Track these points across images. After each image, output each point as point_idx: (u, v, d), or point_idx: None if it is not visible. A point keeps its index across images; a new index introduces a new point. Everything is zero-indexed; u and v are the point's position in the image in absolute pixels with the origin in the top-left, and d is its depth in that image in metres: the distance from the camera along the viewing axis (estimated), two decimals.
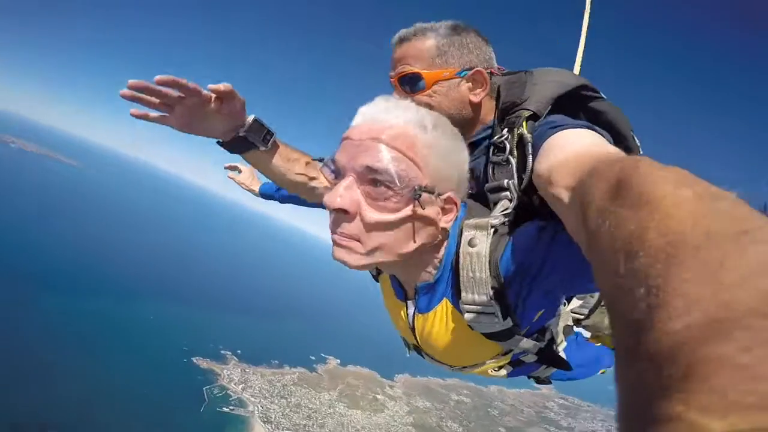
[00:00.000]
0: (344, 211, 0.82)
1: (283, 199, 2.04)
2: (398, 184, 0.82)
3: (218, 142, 1.27)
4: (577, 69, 1.71)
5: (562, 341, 1.29)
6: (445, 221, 0.93)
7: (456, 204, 0.93)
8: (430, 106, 1.09)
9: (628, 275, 0.33)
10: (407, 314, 1.16)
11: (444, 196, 0.90)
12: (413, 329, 1.16)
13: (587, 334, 1.69)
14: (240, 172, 2.16)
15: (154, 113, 1.10)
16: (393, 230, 0.85)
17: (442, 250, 0.99)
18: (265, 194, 2.15)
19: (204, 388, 47.56)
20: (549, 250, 0.86)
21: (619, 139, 1.11)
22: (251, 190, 2.18)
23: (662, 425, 0.21)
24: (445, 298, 1.04)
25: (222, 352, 58.31)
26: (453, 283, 0.99)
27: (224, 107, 1.14)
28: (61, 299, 57.01)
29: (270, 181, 1.74)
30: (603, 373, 1.76)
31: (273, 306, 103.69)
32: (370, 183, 0.83)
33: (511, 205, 0.98)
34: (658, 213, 0.35)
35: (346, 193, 0.82)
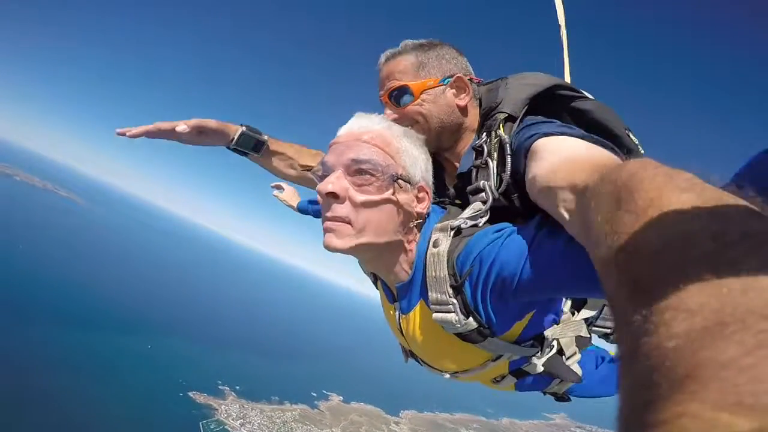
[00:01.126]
0: (335, 196, 0.94)
1: (317, 214, 2.09)
2: (379, 171, 0.95)
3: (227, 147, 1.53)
4: (567, 73, 1.78)
5: (574, 353, 1.27)
6: (421, 207, 1.04)
7: (428, 192, 1.06)
8: (422, 115, 1.19)
9: (631, 281, 0.33)
10: (395, 316, 1.21)
11: (417, 185, 1.03)
12: (401, 331, 1.21)
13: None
14: (283, 190, 2.41)
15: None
16: (377, 208, 0.96)
17: (415, 251, 1.06)
18: (301, 209, 2.29)
19: (200, 423, 45.33)
20: (499, 251, 0.89)
21: (610, 138, 1.10)
22: (291, 206, 2.37)
23: (661, 426, 0.21)
24: (421, 299, 1.08)
25: (220, 387, 56.07)
26: (423, 283, 1.04)
27: (203, 136, 1.42)
28: (58, 329, 55.78)
29: (306, 200, 2.19)
30: None
31: (273, 343, 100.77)
32: (356, 173, 0.96)
33: (484, 207, 1.02)
34: (661, 220, 0.35)
35: (336, 181, 0.95)
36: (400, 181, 0.98)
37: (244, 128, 1.50)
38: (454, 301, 0.96)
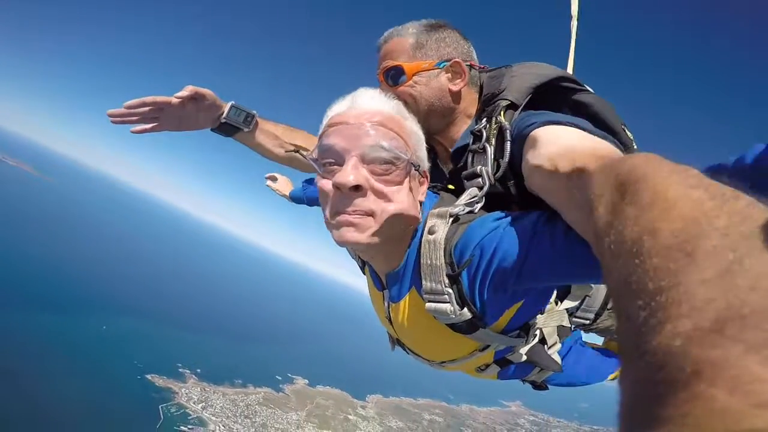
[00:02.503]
0: (356, 188, 0.87)
1: (311, 202, 2.07)
2: (401, 159, 0.90)
3: (212, 130, 1.49)
4: (570, 66, 1.76)
5: (555, 342, 1.27)
6: (422, 193, 1.01)
7: (427, 178, 1.03)
8: (412, 96, 1.18)
9: (637, 274, 0.33)
10: (384, 304, 1.17)
11: (422, 170, 0.99)
12: (390, 320, 1.17)
13: (600, 339, 1.69)
14: (276, 180, 2.43)
15: (148, 125, 1.35)
16: (399, 199, 0.91)
17: (411, 238, 1.02)
18: (295, 198, 2.26)
19: (160, 406, 43.47)
20: (501, 240, 0.87)
21: (609, 133, 1.07)
22: (285, 196, 2.36)
23: (667, 423, 0.21)
24: (412, 288, 1.04)
25: (180, 370, 54.10)
26: (417, 271, 1.00)
27: (199, 105, 1.38)
28: (5, 306, 51.82)
29: (300, 188, 2.16)
30: (612, 379, 1.71)
31: (236, 325, 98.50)
32: (375, 161, 0.89)
33: (481, 193, 1.00)
34: (670, 213, 0.35)
35: (356, 172, 0.86)
36: (413, 168, 0.95)
37: (233, 102, 1.49)
38: (450, 290, 0.93)
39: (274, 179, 2.45)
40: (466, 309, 0.93)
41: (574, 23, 1.76)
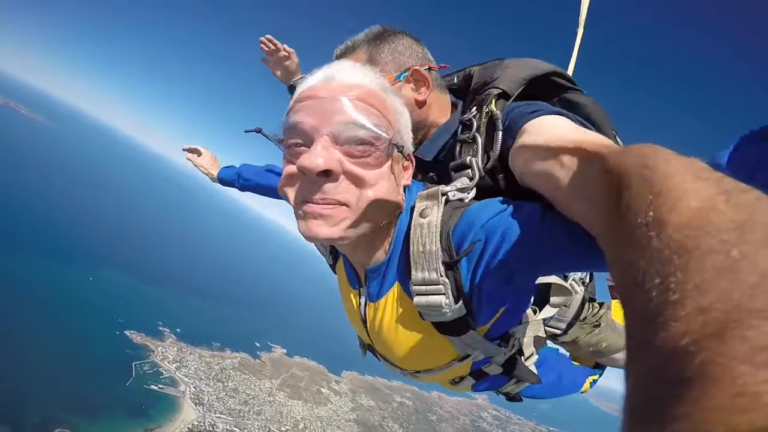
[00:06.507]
0: (326, 173, 0.73)
1: (243, 187, 1.92)
2: (381, 138, 0.77)
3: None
4: (570, 72, 1.76)
5: (532, 354, 1.19)
6: (406, 178, 0.89)
7: (412, 161, 0.92)
8: None
9: (644, 268, 0.32)
10: (359, 304, 1.04)
11: (406, 153, 0.87)
12: (365, 322, 1.04)
13: (565, 352, 1.62)
14: (200, 155, 2.12)
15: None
16: (378, 185, 0.78)
17: (395, 227, 0.91)
18: (223, 180, 2.03)
19: (133, 363, 44.45)
20: (510, 224, 0.77)
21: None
22: (209, 174, 2.10)
23: (673, 422, 0.21)
24: (396, 283, 0.93)
25: (160, 328, 55.04)
26: (404, 261, 0.89)
27: (290, 62, 1.77)
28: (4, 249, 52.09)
29: (231, 166, 2.00)
30: (583, 392, 1.67)
31: (224, 289, 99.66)
32: (350, 141, 0.75)
33: (471, 183, 0.93)
34: (677, 206, 0.34)
35: (327, 154, 0.72)
36: (395, 149, 0.82)
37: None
38: (446, 280, 0.81)
39: (196, 152, 2.13)
40: (461, 302, 0.83)
41: (580, 31, 1.78)
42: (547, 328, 1.32)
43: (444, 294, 0.82)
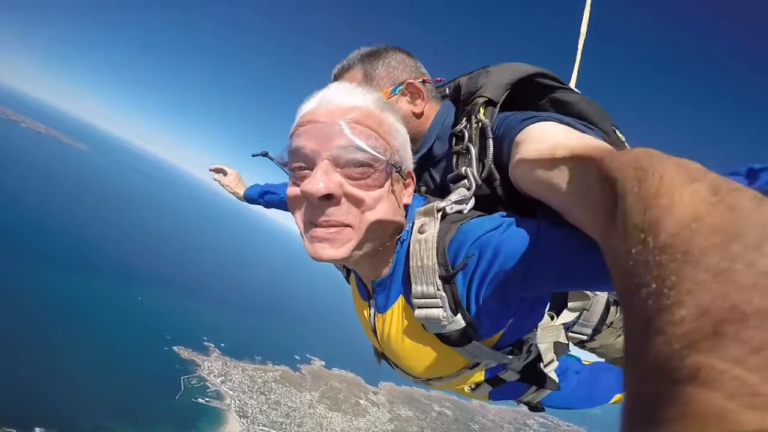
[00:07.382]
0: (328, 197, 0.76)
1: (268, 204, 2.01)
2: (379, 159, 0.79)
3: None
4: (574, 77, 1.78)
5: (552, 360, 1.17)
6: (407, 196, 0.92)
7: (413, 178, 0.94)
8: None
9: (640, 272, 0.32)
10: (369, 315, 1.09)
11: (406, 172, 0.89)
12: (375, 332, 1.09)
13: (595, 358, 1.56)
14: (226, 174, 2.23)
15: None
16: (379, 206, 0.81)
17: (398, 241, 0.94)
18: (249, 198, 2.12)
19: (182, 378, 46.84)
20: (503, 239, 0.78)
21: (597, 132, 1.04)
22: (235, 194, 2.20)
23: (669, 423, 0.22)
24: (401, 295, 0.97)
25: (205, 343, 57.64)
26: (406, 275, 0.92)
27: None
28: (57, 273, 57.04)
29: (256, 185, 2.05)
30: (615, 402, 1.56)
31: (263, 304, 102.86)
32: (350, 164, 0.77)
33: (469, 194, 0.94)
34: (671, 209, 0.34)
35: (327, 178, 0.75)
36: (394, 169, 0.84)
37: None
38: (443, 294, 0.84)
39: (222, 172, 2.26)
40: (459, 315, 0.86)
41: (582, 40, 1.81)
42: (572, 334, 1.33)
43: (442, 307, 0.85)
